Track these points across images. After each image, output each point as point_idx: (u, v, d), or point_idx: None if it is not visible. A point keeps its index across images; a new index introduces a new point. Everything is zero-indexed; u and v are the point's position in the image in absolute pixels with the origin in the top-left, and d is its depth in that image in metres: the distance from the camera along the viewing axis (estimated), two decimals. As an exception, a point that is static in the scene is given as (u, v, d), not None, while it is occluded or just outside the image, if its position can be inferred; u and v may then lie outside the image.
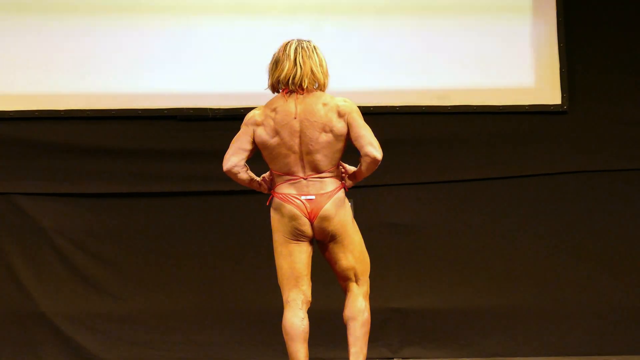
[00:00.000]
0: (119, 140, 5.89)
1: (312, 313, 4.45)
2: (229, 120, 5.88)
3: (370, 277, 5.82)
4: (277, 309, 4.35)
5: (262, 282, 5.72)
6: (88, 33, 5.86)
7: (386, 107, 5.89)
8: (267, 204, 4.31)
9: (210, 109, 5.89)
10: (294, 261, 4.24)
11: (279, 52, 4.29)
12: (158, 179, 5.89)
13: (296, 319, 4.21)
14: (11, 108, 5.84)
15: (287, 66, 4.23)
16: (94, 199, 5.87)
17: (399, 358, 5.84)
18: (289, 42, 4.30)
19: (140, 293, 5.85)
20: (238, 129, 5.93)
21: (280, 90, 4.28)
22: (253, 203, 5.90)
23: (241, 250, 5.88)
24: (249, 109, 5.83)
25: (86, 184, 5.86)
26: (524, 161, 5.95)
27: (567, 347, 5.85)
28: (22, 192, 5.84)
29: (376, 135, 4.25)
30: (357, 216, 5.77)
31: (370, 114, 4.49)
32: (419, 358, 5.84)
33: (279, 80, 4.26)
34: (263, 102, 5.93)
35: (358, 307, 4.29)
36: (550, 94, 5.95)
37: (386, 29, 5.93)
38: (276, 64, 4.27)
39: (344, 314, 4.31)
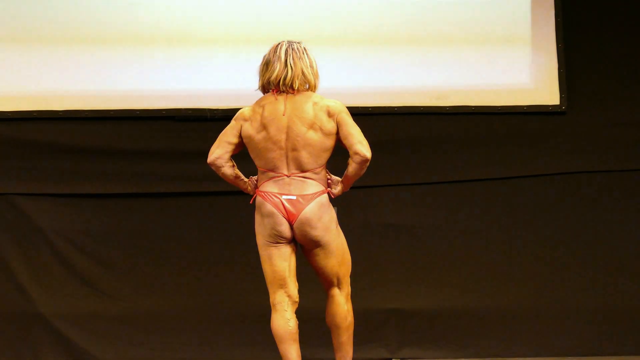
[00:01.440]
0: (117, 141, 5.89)
1: (309, 314, 4.46)
2: (228, 120, 5.85)
3: (369, 278, 5.85)
4: (274, 309, 4.37)
5: (260, 283, 5.70)
6: (86, 33, 5.86)
7: (384, 107, 5.88)
8: (251, 202, 4.31)
9: (209, 110, 5.89)
10: (274, 264, 4.24)
11: (269, 54, 4.29)
12: (156, 179, 5.88)
13: (282, 320, 4.23)
14: (9, 108, 5.84)
15: (277, 67, 4.24)
16: (92, 199, 5.87)
17: (397, 358, 5.83)
18: (279, 43, 4.30)
19: (138, 293, 5.85)
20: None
21: (271, 91, 4.28)
22: (251, 203, 5.90)
23: (240, 251, 5.87)
24: (247, 110, 5.89)
25: (84, 185, 5.86)
26: (522, 162, 5.94)
27: (565, 347, 5.84)
28: (20, 192, 5.85)
29: (374, 136, 4.27)
30: (354, 217, 5.79)
31: (369, 115, 4.50)
32: (418, 358, 5.83)
33: (269, 81, 4.27)
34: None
35: (340, 313, 4.31)
36: (549, 95, 5.95)
37: (384, 29, 5.93)
38: (267, 65, 4.28)
39: (327, 320, 4.32)
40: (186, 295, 5.85)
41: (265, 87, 4.31)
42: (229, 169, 4.32)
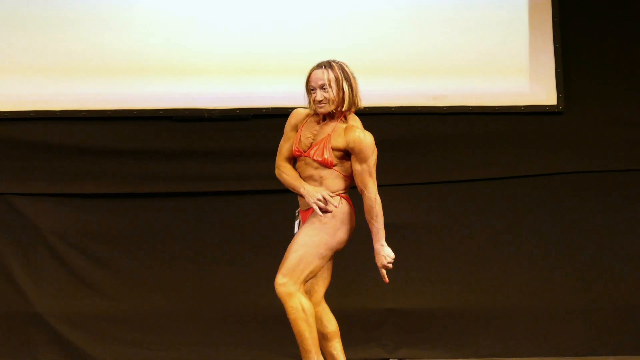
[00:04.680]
0: (115, 141, 5.88)
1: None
2: (225, 120, 5.88)
3: (367, 277, 5.85)
4: (272, 309, 4.36)
5: (258, 283, 5.71)
6: (84, 33, 5.85)
7: (382, 107, 5.89)
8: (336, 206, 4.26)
9: (206, 110, 5.88)
10: (322, 265, 4.25)
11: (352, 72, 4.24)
12: (154, 179, 5.88)
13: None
14: (7, 109, 5.83)
15: None
16: (89, 199, 5.87)
17: (395, 358, 5.84)
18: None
19: (136, 293, 5.85)
20: (234, 130, 6.00)
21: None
22: (249, 203, 5.90)
23: (237, 251, 5.87)
24: (245, 110, 5.89)
25: (81, 185, 5.85)
26: (520, 162, 5.95)
27: (562, 347, 5.85)
28: (18, 192, 5.84)
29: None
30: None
31: (366, 115, 4.46)
32: (415, 358, 5.84)
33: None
34: (257, 104, 5.98)
35: (336, 322, 4.33)
36: (546, 95, 5.95)
37: (382, 29, 5.93)
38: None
39: (330, 329, 4.29)
40: (185, 296, 5.85)
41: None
42: None
